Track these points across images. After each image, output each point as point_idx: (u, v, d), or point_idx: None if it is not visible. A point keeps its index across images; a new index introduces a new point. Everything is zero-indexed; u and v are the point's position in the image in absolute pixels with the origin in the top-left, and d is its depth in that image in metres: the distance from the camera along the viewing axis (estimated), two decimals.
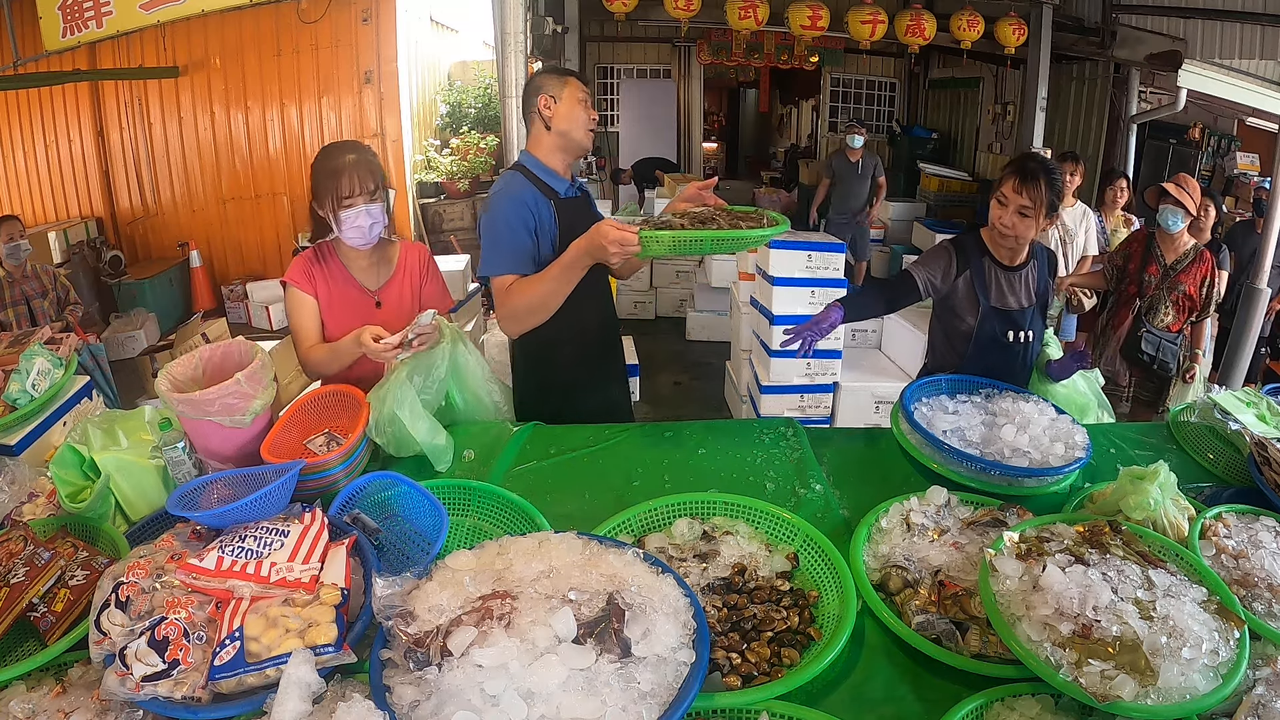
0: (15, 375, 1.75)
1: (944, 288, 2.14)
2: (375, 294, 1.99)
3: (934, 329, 2.28)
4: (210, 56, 6.78)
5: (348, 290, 1.97)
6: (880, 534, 1.44)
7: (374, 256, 1.99)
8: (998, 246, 2.13)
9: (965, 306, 2.13)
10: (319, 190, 1.86)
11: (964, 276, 2.12)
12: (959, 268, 2.12)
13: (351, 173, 1.81)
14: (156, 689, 0.99)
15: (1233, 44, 4.79)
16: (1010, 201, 2.02)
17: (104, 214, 7.12)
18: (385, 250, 2.02)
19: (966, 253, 2.13)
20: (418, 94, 7.71)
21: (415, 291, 2.05)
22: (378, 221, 1.87)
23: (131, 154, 7.06)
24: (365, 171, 1.83)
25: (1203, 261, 3.38)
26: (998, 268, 2.13)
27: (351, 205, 1.82)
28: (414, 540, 1.40)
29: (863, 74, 9.69)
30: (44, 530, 1.37)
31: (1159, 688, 1.02)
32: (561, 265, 1.83)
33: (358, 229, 1.85)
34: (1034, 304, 2.16)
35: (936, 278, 2.14)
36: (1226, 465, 1.81)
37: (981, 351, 2.12)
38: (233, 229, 7.21)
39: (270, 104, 6.96)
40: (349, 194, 1.82)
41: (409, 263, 2.05)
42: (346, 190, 1.82)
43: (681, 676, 0.98)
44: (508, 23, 3.30)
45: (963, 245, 2.15)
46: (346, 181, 1.81)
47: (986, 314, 2.11)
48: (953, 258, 2.13)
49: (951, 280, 2.13)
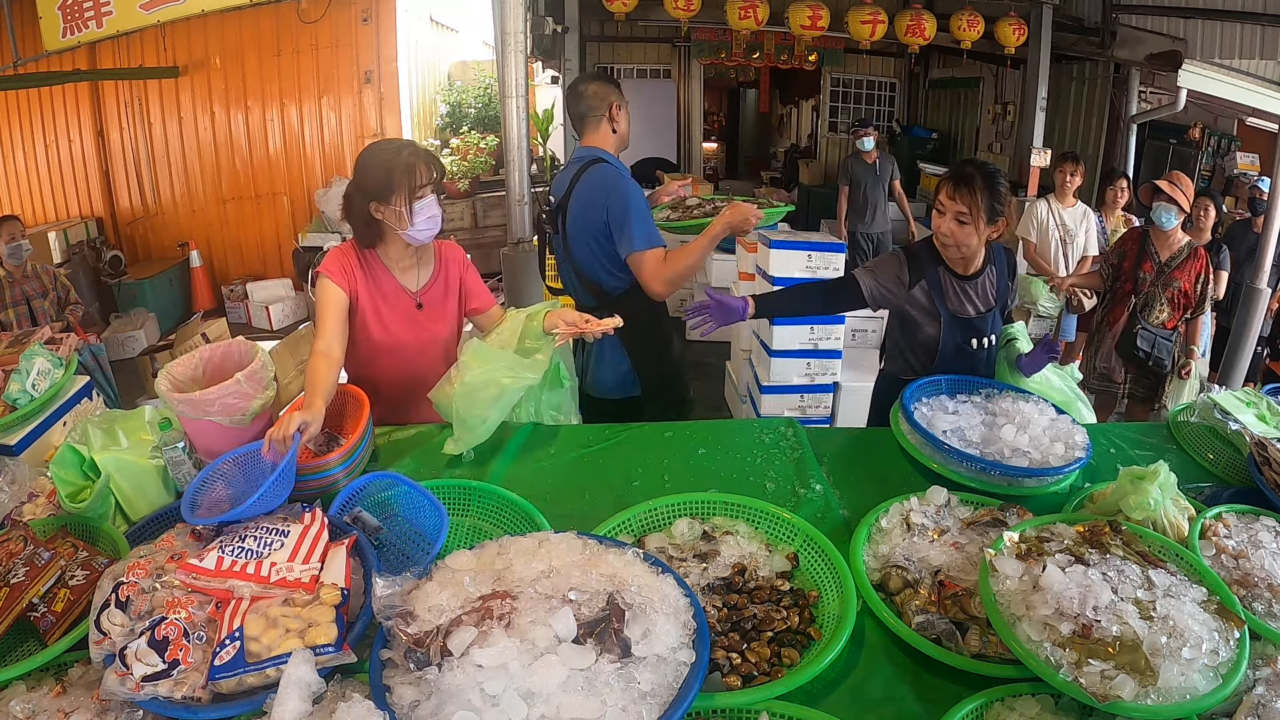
0: (15, 375, 1.75)
1: (895, 298, 2.09)
2: (417, 295, 1.97)
3: (892, 336, 2.22)
4: (210, 56, 6.78)
5: (389, 291, 1.93)
6: (880, 534, 1.44)
7: (416, 257, 1.96)
8: (947, 252, 2.07)
9: (925, 317, 2.08)
10: (382, 187, 1.78)
11: (920, 287, 2.06)
12: (913, 277, 2.07)
13: (423, 163, 1.79)
14: (156, 689, 0.99)
15: (1233, 44, 4.79)
16: (947, 209, 1.98)
17: (104, 214, 7.12)
18: (424, 250, 1.99)
19: (920, 262, 2.07)
20: (418, 94, 7.71)
21: (455, 291, 2.03)
22: (437, 214, 1.86)
23: (131, 154, 7.06)
24: (433, 160, 1.82)
25: (1197, 258, 3.39)
26: (953, 276, 2.08)
27: (423, 196, 1.80)
28: (414, 540, 1.40)
29: (863, 74, 9.68)
30: (44, 530, 1.37)
31: (1159, 688, 1.02)
32: (709, 237, 2.17)
33: (432, 219, 1.83)
34: (993, 308, 2.12)
35: (885, 287, 2.08)
36: (1226, 465, 1.81)
37: (946, 361, 2.08)
38: (233, 229, 7.22)
39: (270, 104, 6.96)
40: (423, 183, 1.79)
41: (446, 261, 2.03)
42: (422, 179, 1.79)
43: (681, 676, 0.98)
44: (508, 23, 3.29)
45: (915, 254, 2.09)
46: (423, 171, 1.79)
47: (948, 324, 2.06)
48: (904, 266, 2.08)
49: (905, 290, 2.07)
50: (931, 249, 2.10)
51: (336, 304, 1.85)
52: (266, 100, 6.95)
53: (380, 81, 6.97)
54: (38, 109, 6.86)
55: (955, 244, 2.00)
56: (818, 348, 3.79)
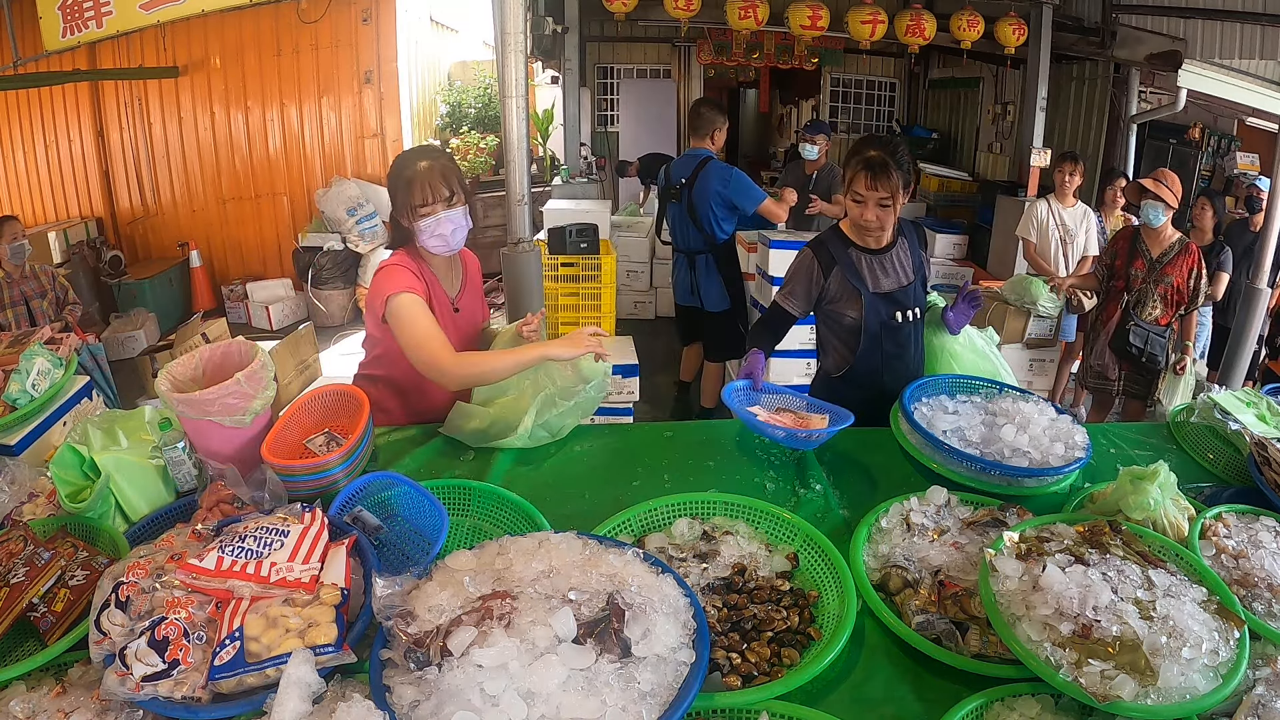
0: (15, 375, 1.75)
1: (815, 295, 2.13)
2: (455, 300, 1.98)
3: (822, 333, 2.24)
4: (210, 56, 6.78)
5: (437, 295, 1.93)
6: (880, 534, 1.44)
7: (452, 262, 1.98)
8: (864, 236, 2.10)
9: (846, 302, 2.10)
10: (395, 201, 1.82)
11: (834, 275, 2.08)
12: (824, 269, 2.09)
13: (424, 181, 1.76)
14: (156, 689, 0.99)
15: (1233, 44, 4.79)
16: (867, 198, 1.99)
17: (104, 214, 7.11)
18: (457, 256, 2.01)
19: (829, 250, 2.10)
20: (418, 94, 7.71)
21: (479, 296, 2.08)
22: (460, 227, 1.82)
23: (131, 154, 7.06)
24: (438, 178, 1.77)
25: (1188, 254, 3.41)
26: (867, 254, 2.10)
27: (429, 214, 1.77)
28: (414, 540, 1.40)
29: (863, 74, 9.68)
30: (44, 530, 1.37)
31: (1159, 688, 1.02)
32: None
33: (439, 237, 1.80)
34: (913, 281, 2.14)
35: (799, 294, 2.13)
36: (1226, 465, 1.81)
37: (873, 340, 2.10)
38: (233, 229, 7.21)
39: (270, 104, 6.96)
40: (423, 202, 1.77)
41: (471, 271, 2.08)
42: (419, 199, 1.77)
43: (681, 676, 0.98)
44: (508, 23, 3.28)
45: (823, 244, 2.12)
46: (419, 190, 1.76)
47: (870, 302, 2.08)
48: (814, 262, 2.11)
49: (821, 284, 2.10)
50: (839, 234, 2.13)
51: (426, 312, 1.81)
52: (266, 100, 6.95)
53: (380, 81, 6.96)
54: (38, 109, 6.85)
55: (881, 228, 2.04)
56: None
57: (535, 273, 3.70)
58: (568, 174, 7.05)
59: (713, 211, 3.73)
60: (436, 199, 1.77)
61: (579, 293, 4.27)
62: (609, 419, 3.73)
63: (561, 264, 4.22)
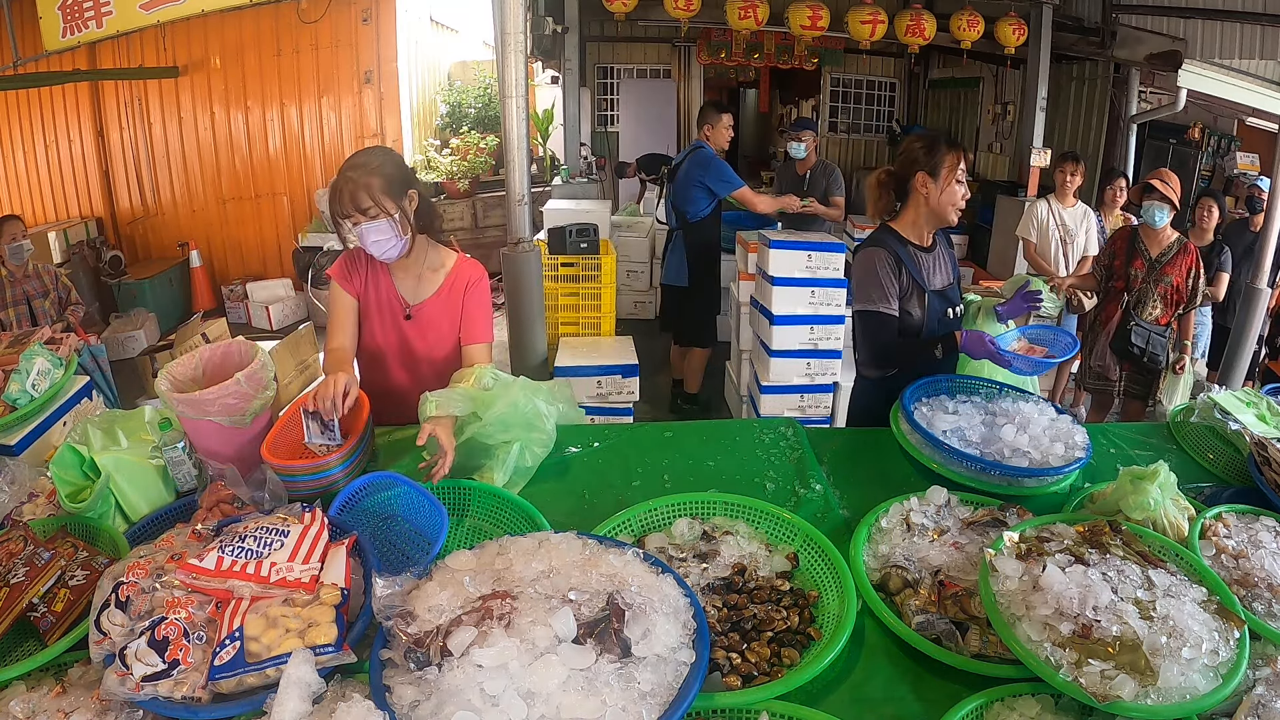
0: (15, 375, 1.75)
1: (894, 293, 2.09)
2: (411, 306, 1.92)
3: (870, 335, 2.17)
4: (210, 56, 6.78)
5: (384, 296, 1.91)
6: (880, 534, 1.44)
7: (416, 269, 1.91)
8: (919, 232, 2.11)
9: (911, 300, 2.08)
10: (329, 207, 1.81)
11: (903, 273, 2.07)
12: (895, 267, 2.07)
13: (340, 194, 1.73)
14: (156, 689, 0.99)
15: (1233, 44, 4.79)
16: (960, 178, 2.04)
17: (104, 214, 7.11)
18: (433, 263, 1.93)
19: (893, 251, 2.08)
20: (418, 94, 7.71)
21: (456, 311, 1.94)
22: (384, 239, 1.75)
23: (131, 154, 7.06)
24: (357, 191, 1.72)
25: (1187, 253, 3.42)
26: (920, 253, 2.11)
27: (352, 223, 1.75)
28: (414, 540, 1.40)
29: (863, 74, 9.68)
30: (44, 530, 1.37)
31: (1159, 688, 1.02)
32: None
33: (369, 244, 1.77)
34: (955, 278, 2.17)
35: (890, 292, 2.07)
36: (1226, 465, 1.81)
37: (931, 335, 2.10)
38: (233, 229, 7.22)
39: (270, 104, 6.96)
40: (342, 215, 1.75)
41: (455, 281, 1.95)
42: (337, 212, 1.75)
43: (681, 676, 0.98)
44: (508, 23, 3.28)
45: (885, 244, 2.09)
46: (335, 205, 1.75)
47: (931, 300, 2.08)
48: (887, 259, 2.07)
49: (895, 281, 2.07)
50: (892, 233, 2.11)
51: (345, 307, 1.91)
52: (266, 100, 6.95)
53: (380, 81, 6.96)
54: (38, 109, 6.86)
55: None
56: (817, 348, 3.79)
57: (535, 273, 3.70)
58: (568, 174, 7.05)
59: (689, 192, 4.09)
60: (352, 212, 1.73)
61: (579, 293, 4.27)
62: (609, 419, 3.73)
63: (561, 264, 4.22)
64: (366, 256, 1.87)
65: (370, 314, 1.93)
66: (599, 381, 3.79)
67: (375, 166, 1.75)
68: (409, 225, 1.80)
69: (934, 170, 2.03)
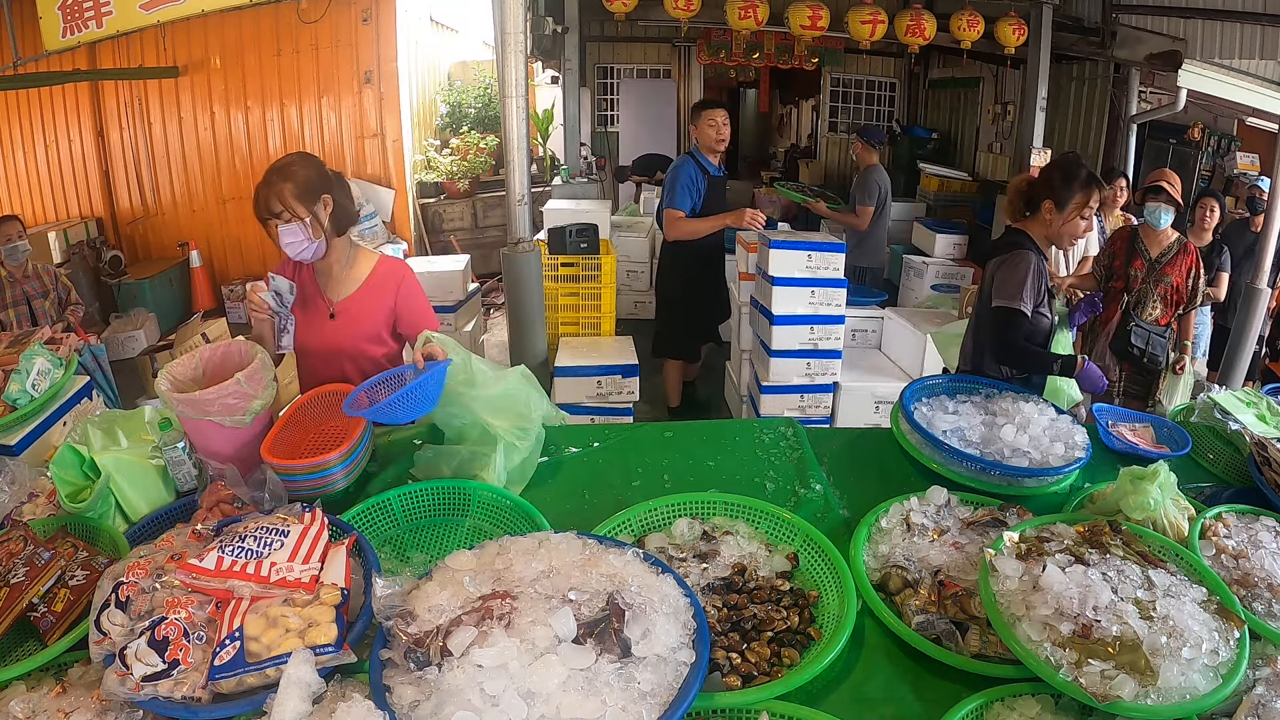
0: (15, 375, 1.75)
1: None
2: (334, 305, 1.99)
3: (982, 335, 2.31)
4: (210, 56, 6.78)
5: (310, 296, 1.99)
6: (880, 534, 1.44)
7: (338, 267, 1.99)
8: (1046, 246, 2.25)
9: (1046, 305, 2.23)
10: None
11: (1041, 279, 2.21)
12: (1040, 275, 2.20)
13: (258, 196, 1.82)
14: (156, 689, 0.99)
15: (1233, 44, 4.79)
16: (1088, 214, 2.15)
17: (104, 214, 7.11)
18: (353, 263, 2.01)
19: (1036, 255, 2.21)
20: (418, 94, 7.71)
21: (384, 309, 2.00)
22: (295, 241, 1.83)
23: (131, 154, 7.06)
24: (270, 195, 1.80)
25: (1187, 253, 3.42)
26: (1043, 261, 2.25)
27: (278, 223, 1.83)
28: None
29: (863, 74, 9.68)
30: (44, 530, 1.37)
31: (1159, 688, 1.02)
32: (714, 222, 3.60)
33: (284, 245, 1.85)
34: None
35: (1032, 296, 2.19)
36: (1226, 465, 1.81)
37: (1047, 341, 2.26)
38: (233, 229, 7.21)
39: (270, 104, 6.96)
40: (261, 217, 1.83)
41: (378, 280, 2.01)
42: (259, 214, 1.83)
43: (681, 676, 0.98)
44: (508, 23, 3.28)
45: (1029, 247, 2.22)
46: (256, 206, 1.83)
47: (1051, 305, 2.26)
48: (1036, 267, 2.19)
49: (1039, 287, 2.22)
50: (1030, 241, 2.25)
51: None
52: (266, 100, 6.94)
53: (380, 81, 6.96)
54: (38, 109, 6.85)
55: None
56: (818, 348, 3.79)
57: (535, 273, 3.70)
58: (568, 174, 7.05)
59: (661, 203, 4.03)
60: (266, 215, 1.83)
61: (579, 293, 4.27)
62: (609, 419, 3.73)
63: (561, 264, 4.22)
64: (295, 263, 1.97)
65: (296, 313, 1.98)
66: (599, 381, 3.79)
67: (290, 173, 1.84)
68: (321, 229, 1.87)
69: (1061, 203, 2.15)
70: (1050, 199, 2.15)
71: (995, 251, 2.31)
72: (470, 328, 4.69)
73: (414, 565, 1.41)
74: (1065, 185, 2.12)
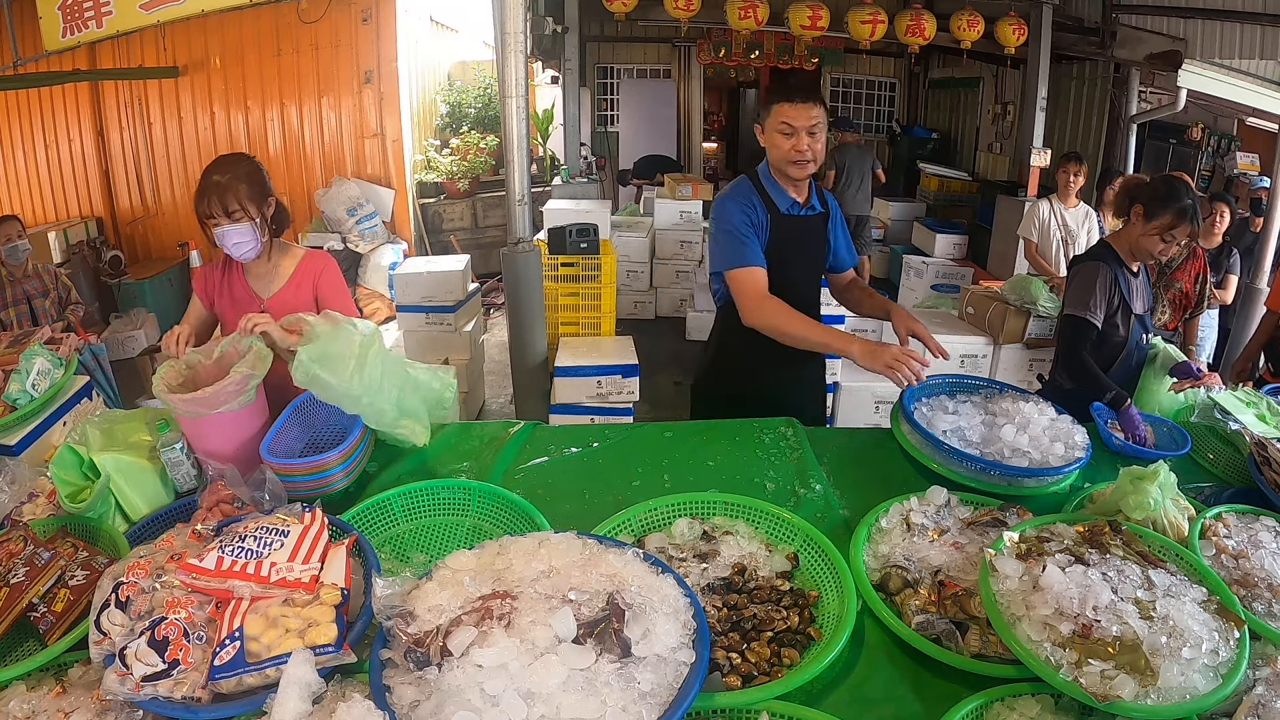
0: (15, 375, 1.75)
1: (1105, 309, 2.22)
2: (264, 302, 2.03)
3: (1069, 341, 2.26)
4: (210, 56, 6.78)
5: (239, 296, 2.03)
6: (880, 534, 1.44)
7: (267, 266, 2.04)
8: (1130, 255, 2.24)
9: (1119, 318, 2.21)
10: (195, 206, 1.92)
11: (1117, 291, 2.20)
12: (1112, 284, 2.19)
13: (209, 195, 1.85)
14: (156, 689, 0.99)
15: (1233, 44, 4.78)
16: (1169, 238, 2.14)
17: (104, 214, 7.11)
18: (280, 259, 2.07)
19: (1113, 270, 2.20)
20: (418, 94, 7.70)
21: (309, 302, 2.06)
22: (244, 241, 1.89)
23: (131, 154, 7.06)
24: (226, 194, 1.85)
25: (1195, 258, 3.41)
26: (1129, 276, 2.24)
27: (214, 225, 1.87)
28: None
29: (863, 74, 9.69)
30: (44, 530, 1.37)
31: (1159, 688, 1.02)
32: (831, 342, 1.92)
33: (230, 245, 1.90)
34: (1149, 306, 2.29)
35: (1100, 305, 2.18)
36: (1226, 465, 1.81)
37: (1127, 358, 2.23)
38: None
39: (270, 104, 6.95)
40: (207, 216, 1.86)
41: (303, 274, 2.07)
42: (203, 212, 1.86)
43: (681, 676, 0.98)
44: (508, 23, 3.29)
45: (1104, 260, 2.22)
46: (203, 203, 1.86)
47: (1134, 322, 2.22)
48: (1108, 275, 2.19)
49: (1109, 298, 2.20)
50: (1111, 251, 2.25)
51: (194, 310, 2.04)
52: (266, 100, 6.94)
53: (380, 81, 6.96)
54: (38, 109, 6.85)
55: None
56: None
57: (535, 273, 3.70)
58: (568, 174, 7.05)
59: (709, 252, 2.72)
60: (218, 213, 1.86)
61: (579, 293, 4.27)
62: (609, 419, 3.73)
63: (561, 264, 4.21)
64: (221, 267, 2.04)
65: (228, 316, 2.01)
66: (599, 381, 3.79)
67: (243, 173, 1.90)
68: (267, 229, 1.95)
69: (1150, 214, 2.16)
70: (1143, 205, 2.17)
71: (1076, 261, 2.34)
72: (470, 328, 4.69)
73: (414, 565, 1.41)
74: (1163, 201, 2.14)
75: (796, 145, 2.05)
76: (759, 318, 1.98)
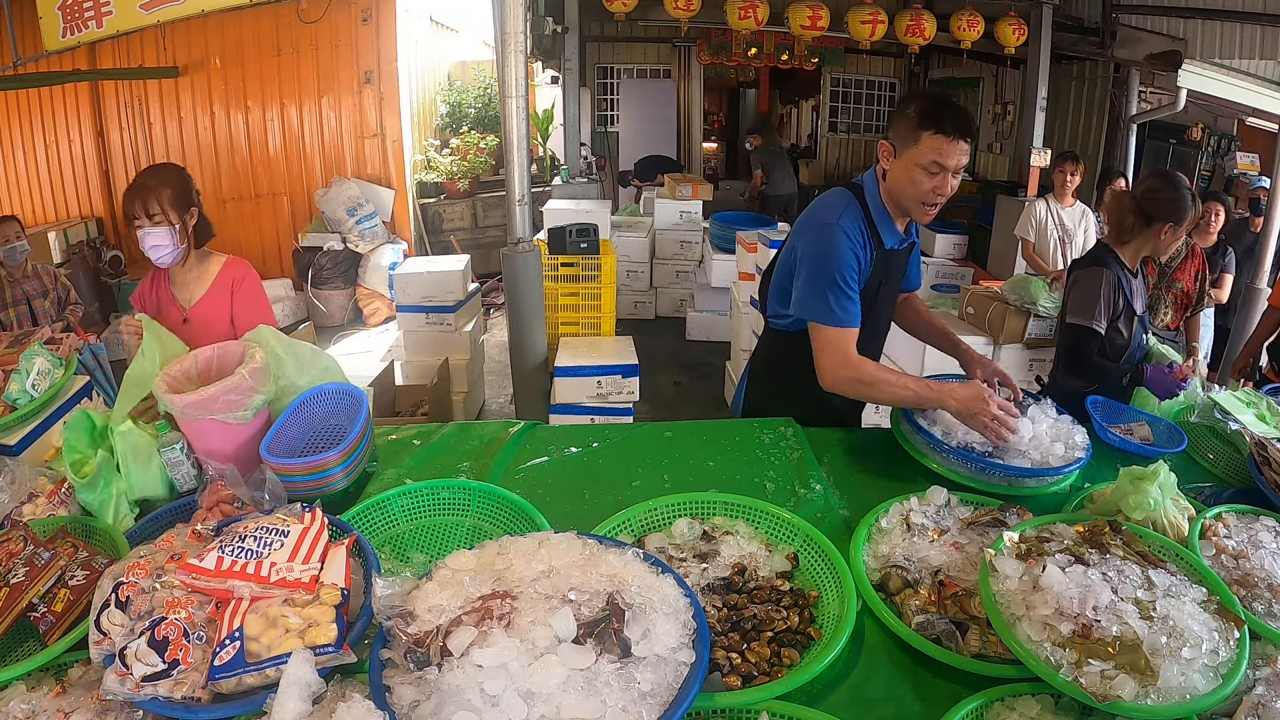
0: (15, 375, 1.75)
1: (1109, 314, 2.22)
2: (187, 310, 2.08)
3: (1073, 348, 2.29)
4: (210, 56, 6.78)
5: (164, 304, 2.10)
6: (880, 534, 1.44)
7: (190, 274, 2.10)
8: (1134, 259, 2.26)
9: (1124, 320, 2.22)
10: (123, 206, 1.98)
11: (1121, 294, 2.20)
12: (1117, 288, 2.20)
13: (135, 197, 1.93)
14: (156, 689, 0.99)
15: (1233, 44, 4.79)
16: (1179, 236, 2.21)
17: (104, 214, 7.11)
18: (203, 268, 2.11)
19: (1117, 275, 2.21)
20: (418, 94, 7.71)
21: (228, 310, 2.11)
22: (161, 244, 1.97)
23: (131, 154, 7.06)
24: (149, 197, 1.93)
25: (1194, 256, 3.43)
26: (1130, 277, 2.24)
27: (137, 227, 1.94)
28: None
29: (863, 74, 9.69)
30: (44, 530, 1.37)
31: (1159, 688, 1.02)
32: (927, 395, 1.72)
33: (148, 249, 1.98)
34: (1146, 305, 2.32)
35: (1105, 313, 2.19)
36: (1226, 465, 1.81)
37: (1130, 358, 2.24)
38: (233, 229, 7.20)
39: (270, 104, 6.96)
40: (132, 216, 1.93)
41: (223, 282, 2.12)
42: (129, 212, 1.93)
43: (681, 676, 0.98)
44: (508, 23, 3.29)
45: (1108, 264, 2.22)
46: (128, 205, 1.94)
47: (1138, 322, 2.24)
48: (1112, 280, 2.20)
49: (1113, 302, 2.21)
50: (1112, 253, 2.26)
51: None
52: (266, 100, 6.95)
53: (380, 81, 6.96)
54: (38, 109, 6.86)
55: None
56: None
57: (535, 273, 3.71)
58: (568, 174, 7.05)
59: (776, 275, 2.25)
60: (140, 214, 1.93)
61: (579, 293, 4.27)
62: (609, 419, 3.73)
63: (561, 264, 4.22)
64: (151, 277, 2.11)
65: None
66: (599, 381, 3.79)
67: (169, 180, 1.99)
68: (186, 236, 2.04)
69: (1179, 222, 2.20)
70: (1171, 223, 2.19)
71: (1076, 266, 2.33)
72: (470, 328, 4.69)
73: (414, 565, 1.41)
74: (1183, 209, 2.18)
75: (940, 188, 1.76)
76: (843, 386, 1.79)
